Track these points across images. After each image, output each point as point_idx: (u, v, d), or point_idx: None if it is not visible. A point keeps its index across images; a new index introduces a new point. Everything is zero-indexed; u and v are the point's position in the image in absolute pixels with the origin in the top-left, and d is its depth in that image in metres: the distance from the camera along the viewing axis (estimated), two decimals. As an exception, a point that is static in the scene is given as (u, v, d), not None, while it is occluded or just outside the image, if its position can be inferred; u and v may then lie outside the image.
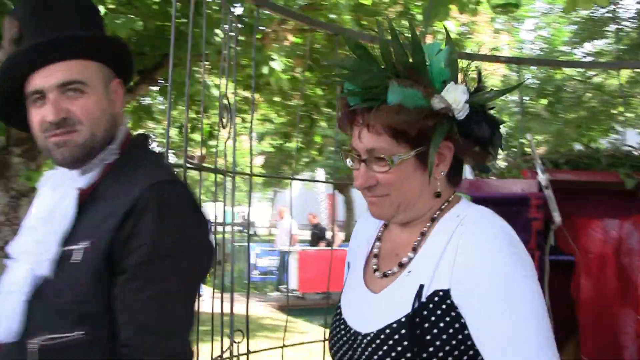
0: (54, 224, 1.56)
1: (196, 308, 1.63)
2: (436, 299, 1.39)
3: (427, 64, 1.46)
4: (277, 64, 6.73)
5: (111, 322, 1.48)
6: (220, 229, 3.11)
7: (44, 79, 1.58)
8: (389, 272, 1.51)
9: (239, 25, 5.13)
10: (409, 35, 1.45)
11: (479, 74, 1.52)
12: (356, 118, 1.48)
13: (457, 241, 1.41)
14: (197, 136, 11.08)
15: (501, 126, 1.52)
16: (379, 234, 1.65)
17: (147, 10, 6.36)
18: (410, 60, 1.45)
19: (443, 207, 1.52)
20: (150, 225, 1.46)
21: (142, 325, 1.46)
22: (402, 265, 1.49)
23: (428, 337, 1.36)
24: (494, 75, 11.79)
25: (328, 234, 18.04)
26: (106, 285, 1.47)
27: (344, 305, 1.58)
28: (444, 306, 1.38)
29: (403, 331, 1.38)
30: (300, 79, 8.82)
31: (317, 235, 18.16)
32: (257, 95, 11.19)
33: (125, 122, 1.72)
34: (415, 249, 1.49)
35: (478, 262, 1.38)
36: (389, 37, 1.47)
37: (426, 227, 1.50)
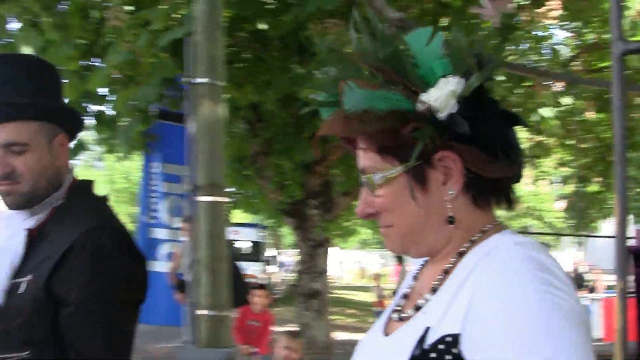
0: (4, 259, 1.80)
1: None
2: (442, 346, 1.09)
3: (412, 57, 1.17)
4: (548, 110, 6.48)
5: (55, 345, 1.71)
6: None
7: None
8: (405, 315, 1.24)
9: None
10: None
11: (477, 55, 1.17)
12: None
13: (477, 277, 1.11)
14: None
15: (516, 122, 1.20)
16: (417, 271, 1.37)
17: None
18: (380, 55, 1.17)
19: (474, 238, 1.19)
20: (85, 265, 1.71)
21: (85, 350, 1.70)
22: (418, 309, 1.20)
23: None
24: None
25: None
26: (48, 314, 1.71)
27: (358, 348, 1.36)
28: (448, 357, 1.07)
29: None
30: (590, 120, 8.39)
31: (576, 282, 16.98)
32: (551, 140, 10.84)
33: (71, 170, 1.93)
34: (435, 290, 1.19)
35: (494, 304, 1.05)
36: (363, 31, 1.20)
37: (451, 262, 1.19)
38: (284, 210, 10.42)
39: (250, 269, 19.59)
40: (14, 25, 7.27)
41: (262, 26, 6.32)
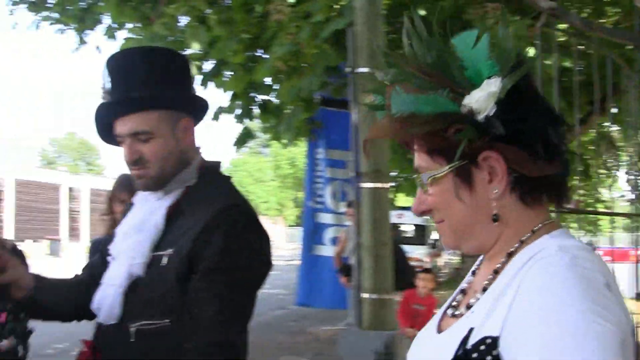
0: (145, 233, 1.96)
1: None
2: (482, 347, 1.11)
3: (460, 59, 1.20)
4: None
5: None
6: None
7: (120, 127, 1.97)
8: (458, 312, 1.27)
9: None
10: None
11: (519, 55, 1.18)
12: None
13: (520, 281, 1.12)
14: None
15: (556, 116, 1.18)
16: (476, 267, 1.38)
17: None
18: (428, 59, 1.20)
19: (524, 238, 1.21)
20: (218, 241, 1.82)
21: (198, 316, 1.80)
22: (469, 307, 1.23)
23: None
24: None
25: None
26: (186, 286, 1.83)
27: (414, 343, 1.37)
28: (489, 358, 1.09)
29: None
30: None
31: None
32: None
33: (199, 151, 2.06)
34: (485, 289, 1.21)
35: (535, 310, 1.06)
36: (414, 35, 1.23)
37: (500, 263, 1.21)
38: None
39: (415, 252, 19.59)
40: (182, 22, 7.75)
41: (421, 12, 6.32)
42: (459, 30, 1.22)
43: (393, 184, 13.23)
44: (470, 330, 1.13)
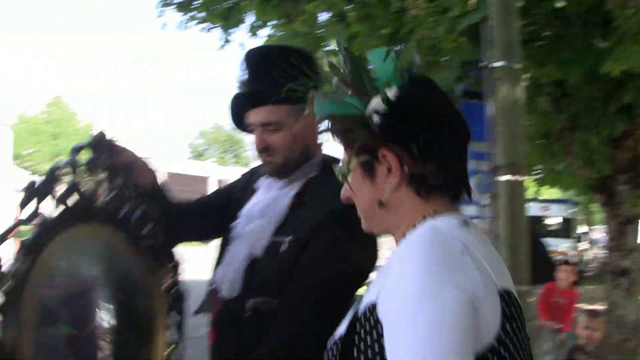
0: (268, 218, 2.09)
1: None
2: (367, 313, 1.30)
3: (371, 71, 1.42)
4: None
5: None
6: None
7: (253, 117, 2.14)
8: None
9: None
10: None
11: (408, 70, 1.42)
12: None
13: (394, 253, 1.35)
14: None
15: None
16: None
17: None
18: (343, 71, 1.42)
19: (416, 223, 1.39)
20: (332, 237, 1.99)
21: (286, 295, 1.98)
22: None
23: (355, 355, 1.29)
24: None
25: None
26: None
27: None
28: (371, 321, 1.27)
29: (338, 349, 1.36)
30: None
31: None
32: None
33: (321, 147, 2.18)
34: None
35: (393, 276, 1.26)
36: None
37: (398, 244, 1.42)
38: (592, 186, 10.06)
39: (560, 245, 19.02)
40: (322, 18, 7.99)
41: (560, 4, 6.22)
42: (599, 22, 1.40)
43: (534, 176, 12.94)
44: (360, 299, 1.36)
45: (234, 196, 2.38)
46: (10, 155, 34.70)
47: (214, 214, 2.40)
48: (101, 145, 2.06)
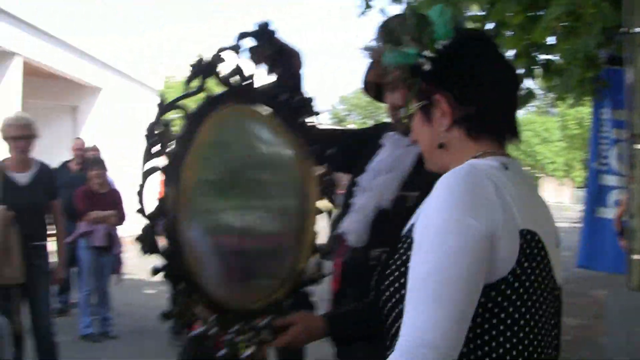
0: (395, 173, 2.16)
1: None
2: (407, 232, 1.52)
3: (430, 27, 1.56)
4: None
5: None
6: None
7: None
8: None
9: None
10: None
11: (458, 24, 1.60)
12: None
13: (437, 182, 1.46)
14: None
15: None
16: None
17: None
18: (407, 24, 1.59)
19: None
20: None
21: None
22: None
23: (393, 268, 1.51)
24: None
25: None
26: None
27: None
28: (409, 239, 1.47)
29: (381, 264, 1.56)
30: None
31: None
32: None
33: None
34: None
35: (426, 206, 1.44)
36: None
37: None
38: None
39: None
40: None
41: None
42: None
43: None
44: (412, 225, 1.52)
45: (364, 150, 2.44)
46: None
47: (349, 155, 2.46)
48: (264, 34, 2.10)
